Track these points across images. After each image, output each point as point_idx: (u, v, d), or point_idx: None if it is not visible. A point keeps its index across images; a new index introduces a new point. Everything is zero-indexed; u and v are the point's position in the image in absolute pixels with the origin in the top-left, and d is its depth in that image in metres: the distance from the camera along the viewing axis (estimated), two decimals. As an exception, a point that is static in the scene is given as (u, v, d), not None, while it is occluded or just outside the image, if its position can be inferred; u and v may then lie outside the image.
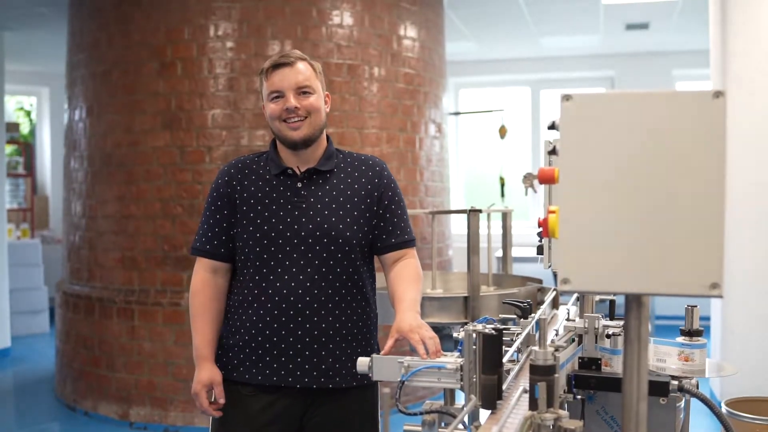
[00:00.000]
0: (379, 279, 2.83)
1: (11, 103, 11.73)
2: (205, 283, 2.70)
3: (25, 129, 11.82)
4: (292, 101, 2.56)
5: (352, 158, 2.74)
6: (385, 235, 2.67)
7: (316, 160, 2.66)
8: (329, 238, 2.58)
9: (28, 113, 12.01)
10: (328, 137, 2.75)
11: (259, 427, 2.61)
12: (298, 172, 2.65)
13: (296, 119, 2.58)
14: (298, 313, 2.57)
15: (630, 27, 8.60)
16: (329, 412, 2.64)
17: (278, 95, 2.59)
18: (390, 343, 2.30)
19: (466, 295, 3.65)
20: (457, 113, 10.51)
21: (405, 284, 2.57)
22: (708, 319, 6.31)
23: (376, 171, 2.70)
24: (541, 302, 3.31)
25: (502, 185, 9.16)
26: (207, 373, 2.64)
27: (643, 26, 8.56)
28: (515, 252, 4.93)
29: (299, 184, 2.63)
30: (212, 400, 2.66)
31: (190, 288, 2.74)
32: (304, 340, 2.57)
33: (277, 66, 2.60)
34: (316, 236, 2.58)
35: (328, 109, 2.70)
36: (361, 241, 2.63)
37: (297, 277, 2.57)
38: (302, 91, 2.59)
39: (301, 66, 2.60)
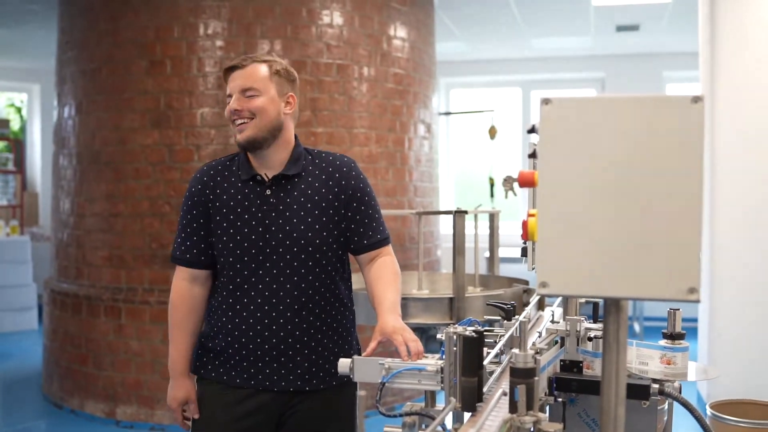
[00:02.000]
0: (359, 279, 2.83)
1: (2, 99, 11.71)
2: (183, 296, 2.71)
3: (15, 125, 11.79)
4: (234, 104, 2.58)
5: (321, 159, 2.72)
6: (357, 237, 2.66)
7: (282, 164, 2.65)
8: (299, 247, 2.58)
9: (19, 110, 11.99)
10: (296, 137, 2.74)
11: (239, 419, 2.63)
12: (266, 178, 2.64)
13: (240, 121, 2.57)
14: (273, 320, 2.59)
15: (620, 28, 8.62)
16: (308, 409, 2.66)
17: (230, 97, 2.61)
18: (373, 345, 2.31)
19: (451, 296, 3.65)
20: (447, 113, 10.52)
21: (383, 285, 2.57)
22: (695, 320, 6.33)
23: (343, 172, 2.68)
24: (527, 303, 3.31)
25: (492, 185, 9.17)
26: (183, 391, 2.69)
27: (634, 28, 8.58)
28: (504, 252, 4.93)
29: (268, 192, 2.62)
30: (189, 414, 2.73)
31: (170, 296, 2.74)
32: (279, 347, 2.59)
33: (230, 68, 2.63)
34: (287, 245, 2.58)
35: (289, 111, 2.68)
36: (332, 245, 2.64)
37: (270, 285, 2.59)
38: (248, 94, 2.58)
39: (253, 68, 2.61)
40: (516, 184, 2.66)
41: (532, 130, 1.75)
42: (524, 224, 1.64)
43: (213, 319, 2.69)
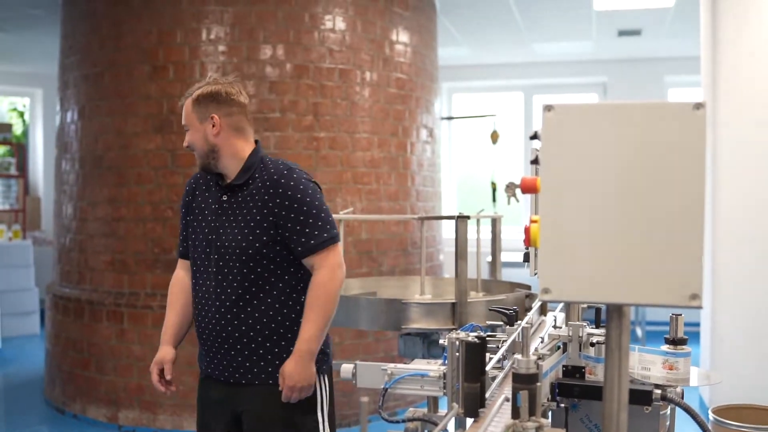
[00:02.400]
0: (361, 284, 2.84)
1: (4, 103, 11.72)
2: (176, 279, 3.10)
3: (18, 130, 11.80)
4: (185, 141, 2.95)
5: (267, 169, 2.88)
6: (293, 244, 2.82)
7: (234, 174, 2.91)
8: (231, 251, 2.83)
9: (21, 114, 12.00)
10: (256, 146, 2.95)
11: (209, 409, 2.97)
12: (224, 185, 2.93)
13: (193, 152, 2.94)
14: (212, 315, 2.87)
15: (622, 33, 8.62)
16: (256, 406, 2.87)
17: None
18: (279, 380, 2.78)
19: (453, 301, 3.66)
20: (450, 118, 10.52)
21: (305, 315, 2.79)
22: (697, 325, 6.33)
23: (274, 182, 2.83)
24: (529, 309, 3.32)
25: (494, 190, 9.17)
26: (160, 354, 3.00)
27: (636, 33, 8.57)
28: (506, 257, 4.93)
29: (224, 197, 2.91)
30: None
31: None
32: (218, 341, 2.87)
33: None
34: (224, 248, 2.85)
35: (215, 131, 2.88)
36: (261, 250, 2.81)
37: (210, 283, 2.88)
38: (185, 129, 2.94)
39: (186, 105, 2.92)
40: (518, 190, 2.67)
41: (534, 137, 1.75)
42: (527, 230, 1.64)
43: None
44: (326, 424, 2.94)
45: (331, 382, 3.00)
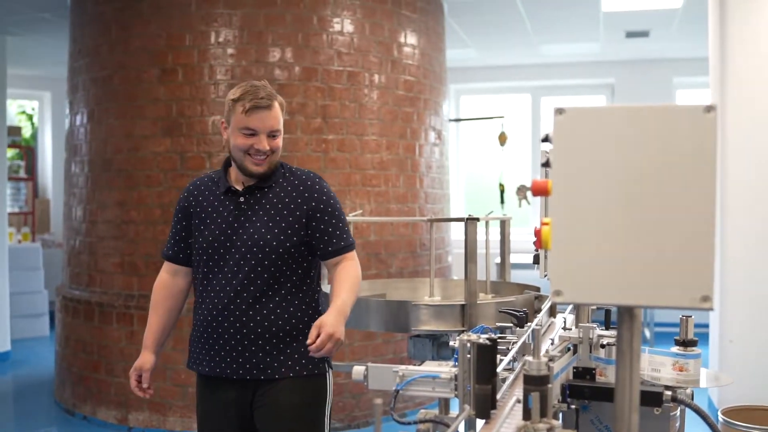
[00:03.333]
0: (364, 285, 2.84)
1: (13, 107, 11.75)
2: (162, 282, 3.15)
3: (27, 133, 11.85)
4: (265, 144, 2.88)
5: (292, 173, 3.03)
6: (323, 245, 2.95)
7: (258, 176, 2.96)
8: (258, 247, 2.88)
9: (30, 117, 12.04)
10: None
11: (217, 412, 2.97)
12: (240, 188, 2.97)
13: (262, 157, 2.89)
14: (231, 313, 2.89)
15: (630, 35, 8.61)
16: (271, 401, 2.91)
17: (252, 133, 2.87)
18: (312, 332, 2.66)
19: (463, 302, 3.66)
20: (457, 120, 10.53)
21: (340, 286, 2.88)
22: (706, 326, 6.32)
23: (307, 185, 2.98)
24: (539, 310, 3.32)
25: (502, 192, 9.17)
26: (140, 361, 3.12)
27: (644, 34, 8.57)
28: (514, 258, 4.93)
29: (242, 199, 2.96)
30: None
31: None
32: (236, 338, 2.89)
33: (257, 108, 2.86)
34: (248, 245, 2.89)
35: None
36: (289, 249, 2.91)
37: (231, 281, 2.90)
38: (273, 134, 2.91)
39: (275, 108, 2.90)
40: (529, 193, 2.68)
41: (545, 140, 1.76)
42: (537, 233, 1.66)
43: (193, 314, 3.06)
44: (329, 419, 3.05)
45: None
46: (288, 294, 2.94)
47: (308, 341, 2.65)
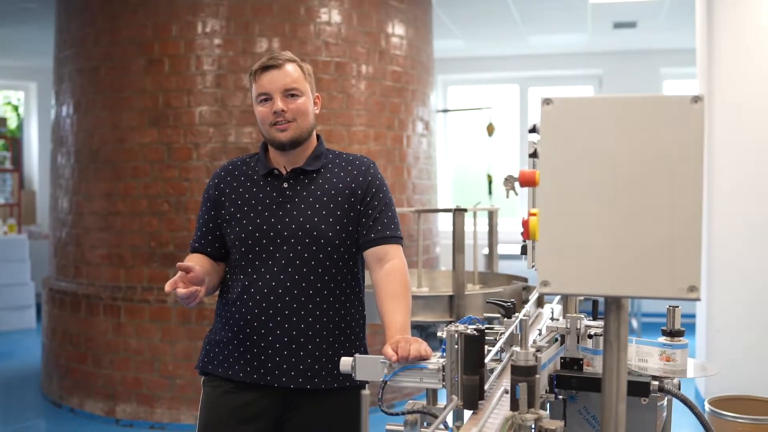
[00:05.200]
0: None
1: (-1, 97, 11.70)
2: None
3: (12, 124, 11.78)
4: (279, 104, 2.56)
5: (341, 158, 2.73)
6: (366, 231, 2.62)
7: (303, 160, 2.67)
8: (310, 238, 2.58)
9: (16, 108, 11.97)
10: (318, 137, 2.75)
11: (239, 423, 2.61)
12: (284, 172, 2.66)
13: (283, 122, 2.58)
14: (278, 312, 2.57)
15: (618, 25, 8.63)
16: (308, 412, 2.63)
17: (266, 98, 2.59)
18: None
19: (451, 293, 3.66)
20: (445, 110, 10.53)
21: (392, 304, 2.50)
22: (693, 316, 6.34)
23: (361, 170, 2.68)
24: (526, 301, 3.33)
25: (490, 183, 9.19)
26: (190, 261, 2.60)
27: (631, 25, 8.58)
28: (502, 249, 4.94)
29: (285, 184, 2.64)
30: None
31: None
32: (283, 340, 2.57)
33: (265, 68, 2.60)
34: (298, 235, 2.58)
35: (317, 111, 2.71)
36: (345, 240, 2.62)
37: (278, 276, 2.58)
38: (290, 93, 2.59)
39: (290, 68, 2.60)
40: (517, 184, 2.67)
41: (533, 130, 1.76)
42: (525, 223, 1.65)
43: (222, 313, 2.70)
44: None
45: None
46: (342, 293, 2.65)
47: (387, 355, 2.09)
